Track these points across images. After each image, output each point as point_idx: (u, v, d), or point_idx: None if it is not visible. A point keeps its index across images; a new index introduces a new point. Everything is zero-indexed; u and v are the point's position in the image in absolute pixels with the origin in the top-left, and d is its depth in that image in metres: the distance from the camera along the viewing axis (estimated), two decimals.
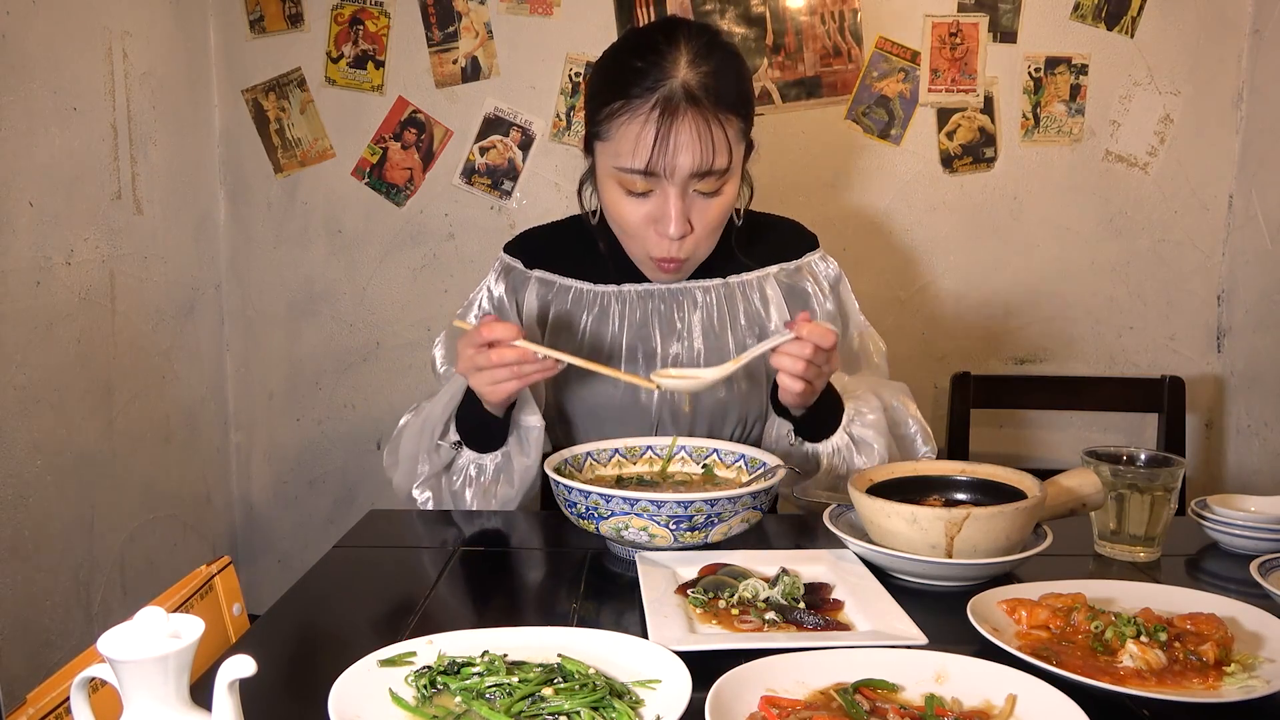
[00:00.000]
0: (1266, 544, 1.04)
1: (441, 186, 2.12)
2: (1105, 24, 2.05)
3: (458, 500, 1.25)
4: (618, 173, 1.17)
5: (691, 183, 1.15)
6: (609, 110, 1.15)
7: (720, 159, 1.14)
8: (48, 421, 1.59)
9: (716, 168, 1.14)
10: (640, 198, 1.18)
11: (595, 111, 1.19)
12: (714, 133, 1.13)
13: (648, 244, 1.21)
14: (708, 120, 1.12)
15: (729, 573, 0.93)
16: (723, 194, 1.19)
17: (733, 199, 1.21)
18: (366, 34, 2.08)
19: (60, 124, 1.61)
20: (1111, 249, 2.12)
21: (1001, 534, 0.93)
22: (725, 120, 1.14)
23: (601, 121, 1.17)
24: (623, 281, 1.31)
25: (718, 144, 1.14)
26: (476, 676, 0.71)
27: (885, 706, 0.68)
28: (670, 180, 1.14)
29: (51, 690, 0.75)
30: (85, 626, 1.68)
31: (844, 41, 2.05)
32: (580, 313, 1.31)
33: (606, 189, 1.21)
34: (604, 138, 1.18)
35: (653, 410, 1.30)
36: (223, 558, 1.05)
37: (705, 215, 1.19)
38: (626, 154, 1.14)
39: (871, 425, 1.24)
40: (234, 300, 2.19)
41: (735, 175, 1.20)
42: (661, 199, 1.16)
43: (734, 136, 1.16)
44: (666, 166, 1.13)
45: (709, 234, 1.22)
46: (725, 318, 1.31)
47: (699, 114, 1.12)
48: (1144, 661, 0.74)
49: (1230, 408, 2.14)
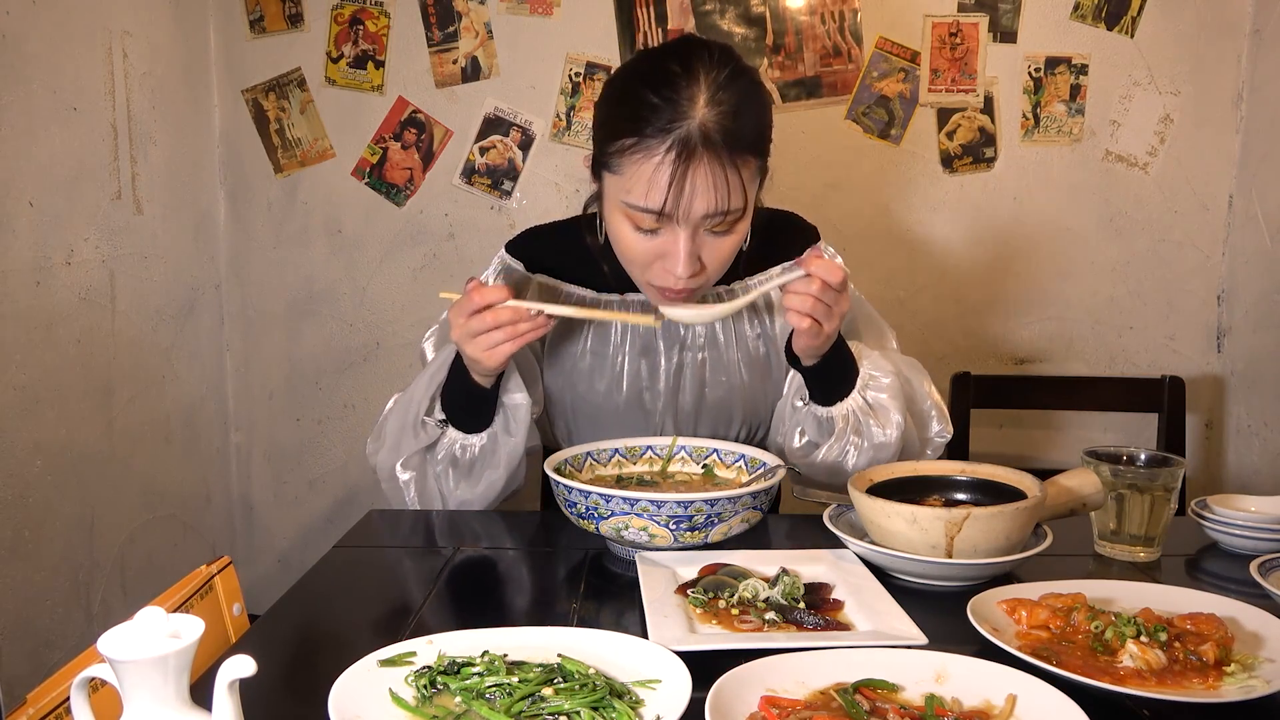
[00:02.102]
0: (1266, 544, 1.04)
1: (441, 186, 2.12)
2: (1105, 24, 2.05)
3: (441, 482, 1.22)
4: (627, 208, 1.12)
5: (704, 223, 1.12)
6: (621, 145, 1.10)
7: (735, 201, 1.10)
8: (48, 421, 1.59)
9: (733, 209, 1.11)
10: (649, 234, 1.14)
11: (605, 142, 1.14)
12: (729, 177, 1.09)
13: (652, 276, 1.17)
14: (723, 165, 1.08)
15: (729, 573, 0.93)
16: (735, 232, 1.15)
17: (743, 234, 1.17)
18: (366, 34, 2.07)
19: (60, 124, 1.61)
20: (1111, 249, 2.12)
21: (1001, 534, 0.93)
22: (743, 162, 1.10)
23: (612, 155, 1.12)
24: (625, 290, 1.30)
25: (733, 187, 1.09)
26: (476, 676, 0.71)
27: (885, 706, 0.68)
28: (682, 224, 1.11)
29: (51, 690, 0.75)
30: (85, 626, 1.68)
31: (844, 41, 2.05)
32: (582, 321, 1.29)
33: (614, 220, 1.17)
34: (614, 171, 1.13)
35: (657, 412, 1.30)
36: (223, 558, 1.05)
37: (716, 253, 1.15)
38: (639, 194, 1.10)
39: (887, 389, 1.21)
40: (234, 300, 2.19)
41: (748, 211, 1.16)
42: (671, 238, 1.12)
43: (749, 177, 1.12)
44: (681, 211, 1.09)
45: (718, 269, 1.18)
46: (729, 324, 1.30)
47: (715, 158, 1.07)
48: (1144, 661, 0.74)
49: (1230, 408, 2.14)
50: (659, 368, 1.29)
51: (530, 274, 1.32)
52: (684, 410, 1.30)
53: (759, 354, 1.32)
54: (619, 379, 1.29)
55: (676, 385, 1.29)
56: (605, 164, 1.15)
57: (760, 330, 1.32)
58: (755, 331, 1.32)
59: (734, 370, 1.30)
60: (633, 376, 1.29)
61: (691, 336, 1.30)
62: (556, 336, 1.31)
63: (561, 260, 1.32)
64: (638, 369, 1.29)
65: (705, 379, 1.30)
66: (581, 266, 1.31)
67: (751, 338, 1.32)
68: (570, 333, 1.30)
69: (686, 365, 1.29)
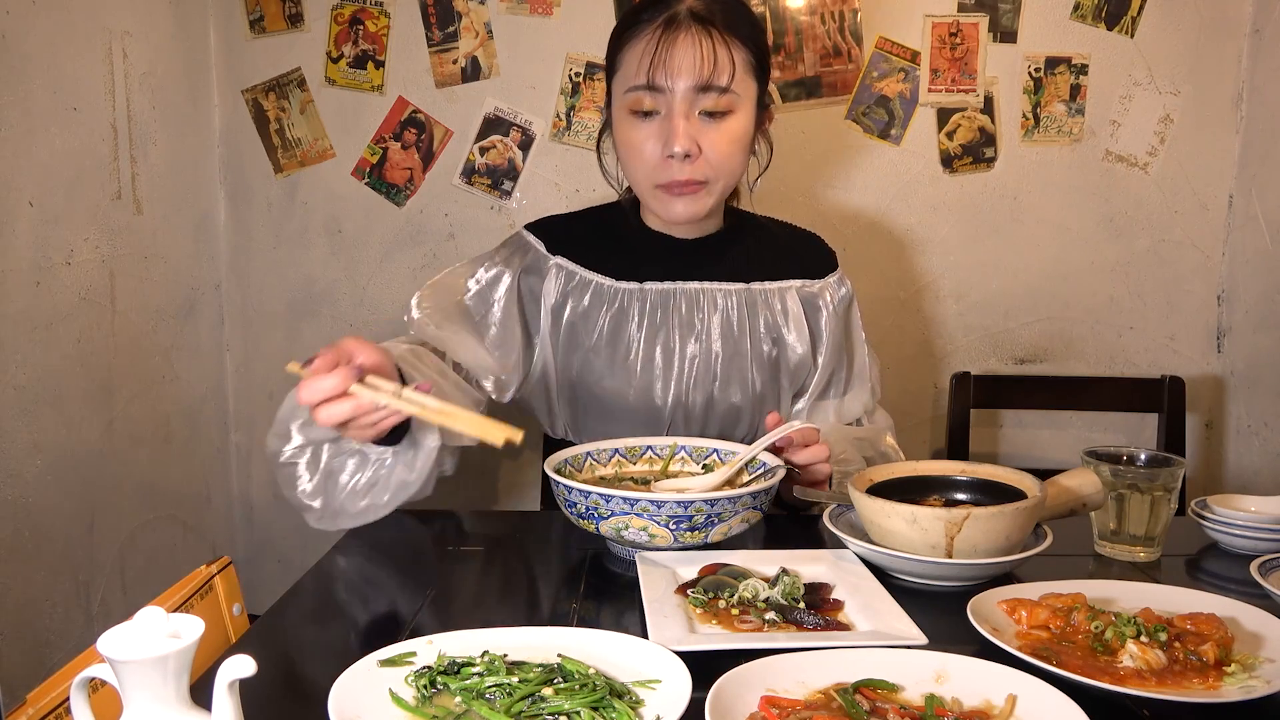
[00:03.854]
0: (1266, 544, 1.04)
1: (441, 186, 2.12)
2: (1105, 24, 2.05)
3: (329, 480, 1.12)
4: (626, 97, 1.20)
5: (695, 100, 1.17)
6: (620, 41, 1.21)
7: (722, 75, 1.16)
8: (48, 421, 1.59)
9: (717, 82, 1.16)
10: (647, 120, 1.19)
11: (611, 52, 1.24)
12: (717, 49, 1.16)
13: (657, 174, 1.21)
14: (711, 36, 1.16)
15: (729, 573, 0.93)
16: (730, 121, 1.20)
17: (742, 132, 1.21)
18: (366, 34, 2.07)
19: (60, 124, 1.61)
20: (1111, 249, 2.12)
21: (1001, 534, 0.93)
22: (730, 42, 1.17)
23: (614, 56, 1.22)
24: (645, 279, 1.30)
25: (720, 59, 1.16)
26: (476, 676, 0.71)
27: (885, 706, 0.68)
28: (672, 93, 1.16)
29: (51, 690, 0.75)
30: (85, 626, 1.68)
31: (844, 41, 2.05)
32: (599, 308, 1.30)
33: (619, 123, 1.23)
34: (616, 69, 1.22)
35: (666, 411, 1.29)
36: (223, 558, 1.05)
37: (713, 140, 1.19)
38: (632, 73, 1.18)
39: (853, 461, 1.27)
40: (234, 300, 2.19)
41: (745, 108, 1.21)
42: (666, 117, 1.18)
43: (740, 62, 1.18)
44: (668, 77, 1.15)
45: (719, 161, 1.21)
46: (745, 321, 1.31)
47: (702, 29, 1.16)
48: (1144, 661, 0.74)
49: (1230, 408, 2.14)
50: (673, 360, 1.29)
51: (551, 254, 1.33)
52: (694, 410, 1.30)
53: (771, 357, 1.32)
54: (631, 375, 1.29)
55: (689, 384, 1.29)
56: (611, 69, 1.24)
57: (776, 335, 1.32)
58: (771, 336, 1.32)
59: (746, 368, 1.30)
60: (645, 373, 1.29)
61: (707, 329, 1.30)
62: (570, 330, 1.31)
63: (581, 245, 1.33)
64: (651, 366, 1.29)
65: (718, 374, 1.30)
66: (601, 253, 1.32)
67: (766, 341, 1.32)
68: (584, 324, 1.30)
69: (700, 359, 1.29)
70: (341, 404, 0.91)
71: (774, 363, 1.32)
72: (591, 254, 1.32)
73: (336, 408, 0.91)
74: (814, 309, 1.36)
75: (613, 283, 1.30)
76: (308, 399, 0.91)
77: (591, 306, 1.30)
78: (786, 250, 1.37)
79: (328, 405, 0.91)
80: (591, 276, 1.30)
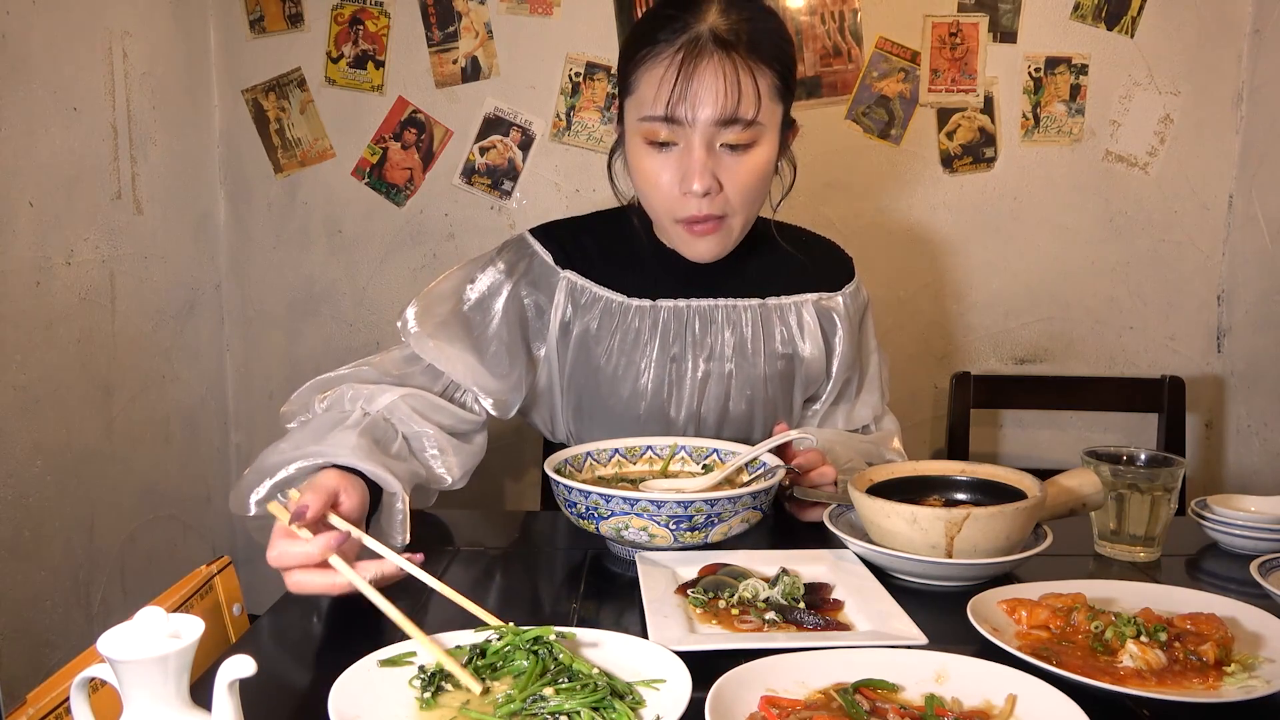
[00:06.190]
0: (1266, 544, 1.04)
1: (441, 186, 2.12)
2: (1105, 24, 2.05)
3: None
4: (642, 125, 1.11)
5: (717, 133, 1.09)
6: (635, 60, 1.11)
7: (747, 107, 1.07)
8: (48, 421, 1.59)
9: (742, 115, 1.07)
10: (664, 151, 1.11)
11: (624, 68, 1.14)
12: (741, 78, 1.06)
13: (675, 208, 1.14)
14: (735, 64, 1.06)
15: (729, 573, 0.93)
16: (754, 153, 1.11)
17: (765, 164, 1.13)
18: (366, 34, 2.07)
19: (60, 124, 1.61)
20: (1111, 249, 2.12)
21: (1001, 534, 0.93)
22: (755, 69, 1.07)
23: (629, 75, 1.12)
24: (657, 297, 1.25)
25: (744, 90, 1.07)
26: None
27: (885, 706, 0.68)
28: (692, 127, 1.08)
29: (51, 690, 0.75)
30: (85, 626, 1.68)
31: (844, 41, 2.05)
32: (609, 326, 1.24)
33: (633, 149, 1.15)
34: (631, 91, 1.13)
35: (677, 427, 1.26)
36: (223, 558, 1.05)
37: (734, 175, 1.11)
38: (649, 100, 1.09)
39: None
40: (234, 300, 2.19)
41: (769, 138, 1.13)
42: (685, 151, 1.10)
43: (766, 90, 1.09)
44: (688, 110, 1.07)
45: (741, 196, 1.13)
46: (760, 339, 1.27)
47: (725, 57, 1.06)
48: (1144, 661, 0.74)
49: (1230, 408, 2.14)
50: (685, 377, 1.25)
51: (560, 267, 1.26)
52: (706, 425, 1.27)
53: (785, 370, 1.30)
54: (642, 394, 1.25)
55: (701, 396, 1.26)
56: (625, 89, 1.14)
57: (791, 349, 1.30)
58: (785, 350, 1.29)
59: (759, 384, 1.28)
60: (656, 392, 1.25)
61: (720, 346, 1.26)
62: (579, 347, 1.26)
63: (591, 258, 1.27)
64: (662, 386, 1.25)
65: (730, 391, 1.27)
66: (613, 267, 1.26)
67: (781, 355, 1.29)
68: (594, 342, 1.26)
69: (713, 376, 1.26)
70: (315, 578, 0.84)
71: (787, 375, 1.31)
72: (602, 268, 1.26)
73: (309, 579, 0.84)
74: (830, 322, 1.32)
75: (624, 299, 1.25)
76: (280, 565, 0.85)
77: (602, 325, 1.24)
78: (803, 262, 1.32)
79: (303, 573, 0.84)
80: (602, 293, 1.25)
